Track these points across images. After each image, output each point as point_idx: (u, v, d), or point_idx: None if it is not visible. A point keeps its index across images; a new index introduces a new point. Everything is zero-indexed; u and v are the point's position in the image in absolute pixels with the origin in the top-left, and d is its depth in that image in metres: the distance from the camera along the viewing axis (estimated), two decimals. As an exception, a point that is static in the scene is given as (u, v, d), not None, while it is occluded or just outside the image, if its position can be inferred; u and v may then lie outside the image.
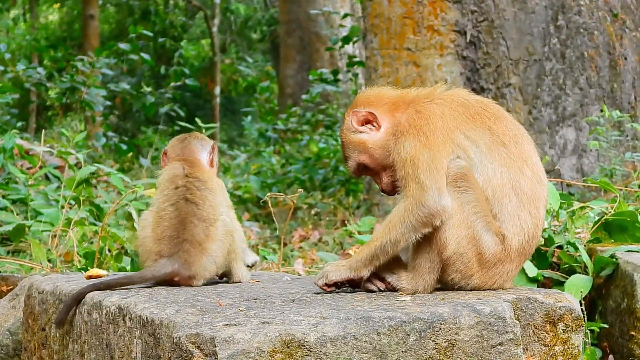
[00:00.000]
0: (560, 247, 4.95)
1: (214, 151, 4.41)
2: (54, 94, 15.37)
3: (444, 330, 3.24)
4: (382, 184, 3.86)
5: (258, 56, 29.58)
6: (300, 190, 6.06)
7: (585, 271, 4.77)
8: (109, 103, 16.52)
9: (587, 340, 4.40)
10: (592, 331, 4.59)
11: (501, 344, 3.31)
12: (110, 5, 29.55)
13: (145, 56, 15.36)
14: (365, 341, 3.15)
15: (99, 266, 5.89)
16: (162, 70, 22.06)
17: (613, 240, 5.05)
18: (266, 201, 5.55)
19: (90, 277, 4.47)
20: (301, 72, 19.52)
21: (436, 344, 3.23)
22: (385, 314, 3.22)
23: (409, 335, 3.20)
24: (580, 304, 4.34)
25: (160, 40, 23.73)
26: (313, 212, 11.36)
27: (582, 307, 4.30)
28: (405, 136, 3.67)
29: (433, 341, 3.23)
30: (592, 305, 4.75)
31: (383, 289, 3.72)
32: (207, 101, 26.35)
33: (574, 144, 9.60)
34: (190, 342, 3.09)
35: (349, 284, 3.76)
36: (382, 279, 3.72)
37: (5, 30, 28.13)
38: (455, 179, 3.61)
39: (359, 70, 15.99)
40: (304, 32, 19.59)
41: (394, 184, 3.80)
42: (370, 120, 3.82)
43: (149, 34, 16.69)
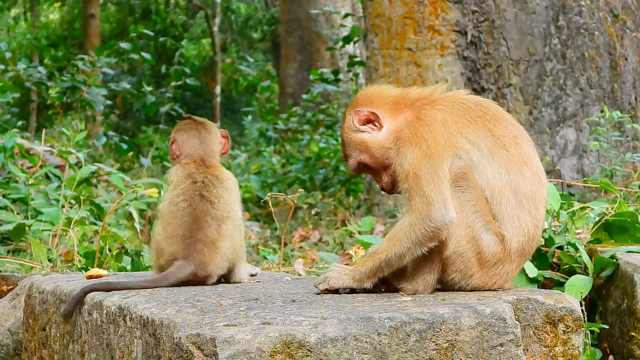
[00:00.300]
0: (561, 247, 4.94)
1: (226, 139, 4.38)
2: (54, 93, 15.36)
3: (444, 331, 3.24)
4: (382, 182, 3.86)
5: (259, 56, 29.60)
6: (301, 190, 6.06)
7: (585, 272, 4.77)
8: (109, 102, 16.50)
9: (587, 341, 4.40)
10: (592, 332, 4.59)
11: (501, 344, 3.32)
12: (111, 4, 29.57)
13: (145, 55, 15.36)
14: (366, 342, 3.15)
15: (99, 266, 5.89)
16: (163, 69, 22.06)
17: (613, 241, 5.05)
18: (266, 201, 5.54)
19: (90, 277, 4.46)
20: (302, 71, 19.52)
21: (437, 344, 3.23)
22: (386, 314, 3.22)
23: (409, 335, 3.20)
24: (581, 304, 4.34)
25: (161, 39, 23.74)
26: (313, 212, 11.35)
27: (583, 307, 4.30)
28: (407, 146, 3.65)
29: (433, 342, 3.23)
30: (592, 306, 4.75)
31: (384, 289, 3.72)
32: (208, 100, 26.35)
33: (574, 145, 9.61)
34: (191, 343, 3.09)
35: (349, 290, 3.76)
36: (382, 279, 3.72)
37: (5, 29, 28.15)
38: (456, 178, 3.61)
39: (359, 70, 16.00)
40: (304, 32, 19.59)
41: (394, 183, 3.80)
42: (372, 120, 3.81)
43: (150, 33, 16.70)
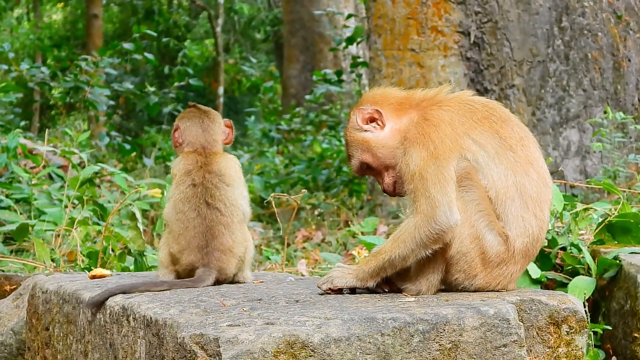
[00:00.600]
0: (564, 248, 4.94)
1: (230, 129, 4.39)
2: (57, 93, 15.36)
3: (447, 332, 3.24)
4: (384, 184, 3.86)
5: (262, 56, 29.60)
6: (304, 190, 6.06)
7: (588, 273, 4.76)
8: (112, 103, 16.51)
9: (590, 342, 4.39)
10: (595, 333, 4.58)
11: (505, 345, 3.31)
12: (114, 4, 29.59)
13: (148, 56, 15.36)
14: (369, 342, 3.14)
15: (102, 266, 5.90)
16: (166, 70, 22.07)
17: (616, 242, 5.04)
18: (269, 201, 5.55)
19: (94, 277, 4.47)
20: (305, 72, 19.52)
21: (440, 345, 3.23)
22: (389, 315, 3.21)
23: (412, 336, 3.20)
24: (584, 305, 4.33)
25: (164, 40, 23.76)
26: (316, 212, 11.36)
27: (586, 308, 4.29)
28: (414, 146, 3.65)
29: (437, 342, 3.23)
30: (596, 307, 4.74)
31: (387, 290, 3.72)
32: (211, 101, 26.34)
33: (577, 146, 9.60)
34: (194, 343, 3.09)
35: (351, 290, 3.76)
36: (386, 279, 3.72)
37: (9, 29, 28.18)
38: (460, 178, 3.61)
39: (362, 70, 16.00)
40: (307, 33, 19.59)
41: (396, 185, 3.80)
42: (376, 119, 3.82)
43: (153, 33, 16.69)
